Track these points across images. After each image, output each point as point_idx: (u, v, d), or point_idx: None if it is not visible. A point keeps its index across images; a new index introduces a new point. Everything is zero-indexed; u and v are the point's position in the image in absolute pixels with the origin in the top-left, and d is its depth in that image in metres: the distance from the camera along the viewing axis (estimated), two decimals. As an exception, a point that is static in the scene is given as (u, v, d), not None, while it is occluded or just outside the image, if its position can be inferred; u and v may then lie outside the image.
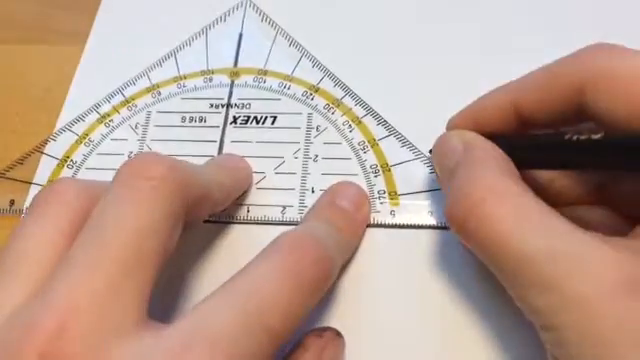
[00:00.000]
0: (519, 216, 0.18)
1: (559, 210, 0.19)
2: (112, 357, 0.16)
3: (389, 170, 0.27)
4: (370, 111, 0.29)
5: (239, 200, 0.27)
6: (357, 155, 0.28)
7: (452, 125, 0.24)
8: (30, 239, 0.19)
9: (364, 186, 0.27)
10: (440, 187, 0.26)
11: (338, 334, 0.23)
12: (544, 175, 0.23)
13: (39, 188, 0.28)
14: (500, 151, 0.21)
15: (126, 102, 0.31)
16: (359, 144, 0.28)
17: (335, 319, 0.24)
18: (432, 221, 0.26)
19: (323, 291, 0.20)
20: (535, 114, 0.21)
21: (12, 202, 0.28)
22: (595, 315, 0.16)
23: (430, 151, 0.25)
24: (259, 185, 0.28)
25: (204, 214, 0.23)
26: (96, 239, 0.18)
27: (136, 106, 0.31)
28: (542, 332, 0.18)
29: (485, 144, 0.22)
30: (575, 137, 0.19)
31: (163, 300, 0.24)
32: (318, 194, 0.27)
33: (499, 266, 0.19)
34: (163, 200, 0.19)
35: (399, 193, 0.27)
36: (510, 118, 0.22)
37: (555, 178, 0.23)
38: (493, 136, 0.22)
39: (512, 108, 0.22)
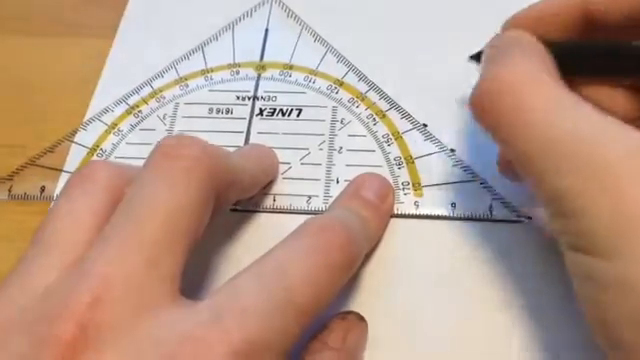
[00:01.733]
0: (551, 102, 0.18)
1: None
2: (146, 327, 0.16)
3: (413, 162, 0.28)
4: (394, 105, 0.30)
5: (266, 189, 0.27)
6: (381, 147, 0.28)
7: (510, 24, 0.23)
8: (64, 219, 0.19)
9: (388, 177, 0.27)
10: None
11: (361, 318, 0.23)
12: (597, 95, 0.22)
13: (69, 176, 0.29)
14: (546, 49, 0.20)
15: (154, 94, 0.32)
16: (383, 137, 0.29)
17: (357, 305, 0.24)
18: (455, 213, 0.26)
19: (349, 274, 0.21)
20: (609, 16, 0.20)
21: (43, 189, 0.29)
22: (626, 196, 0.15)
23: (475, 56, 0.24)
24: (285, 175, 0.28)
25: (233, 199, 0.24)
26: (130, 217, 0.18)
27: (164, 98, 0.31)
28: (559, 220, 0.17)
29: (533, 41, 0.21)
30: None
31: (191, 286, 0.25)
32: (343, 185, 0.27)
33: (523, 149, 0.18)
34: (196, 181, 0.19)
35: (423, 185, 0.27)
36: (576, 20, 0.21)
37: (608, 99, 0.22)
38: (549, 43, 0.21)
39: (580, 7, 0.21)
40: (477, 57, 0.25)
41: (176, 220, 0.18)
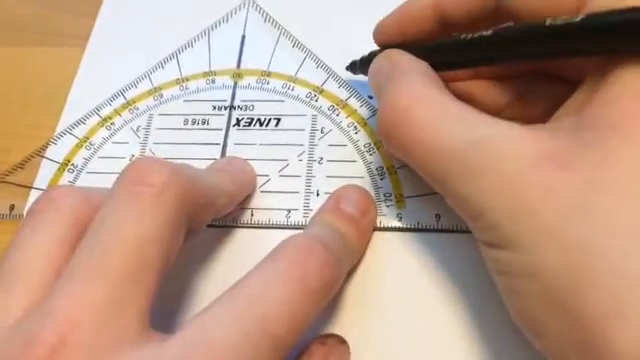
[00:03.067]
0: (440, 114, 0.19)
1: None
2: None
3: (395, 172, 0.27)
4: (376, 112, 0.29)
5: (243, 204, 0.26)
6: (363, 157, 0.27)
7: (378, 31, 0.26)
8: (27, 250, 0.18)
9: (370, 189, 0.26)
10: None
11: (343, 341, 0.22)
12: (465, 87, 0.25)
13: (39, 193, 0.28)
14: (424, 63, 0.22)
15: (128, 105, 0.31)
16: (365, 146, 0.28)
17: (341, 324, 0.23)
18: (440, 224, 0.25)
19: (329, 296, 0.20)
20: (455, 14, 0.22)
21: (12, 207, 0.28)
22: (520, 190, 0.16)
23: (350, 66, 0.28)
24: (263, 188, 0.27)
25: (207, 220, 0.23)
26: (96, 249, 0.17)
27: (138, 109, 0.30)
28: (471, 222, 0.19)
29: (409, 58, 0.23)
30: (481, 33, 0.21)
31: (166, 305, 0.24)
32: (323, 197, 0.26)
33: (427, 166, 0.19)
34: (165, 208, 0.18)
35: (405, 196, 0.26)
36: (432, 21, 0.23)
37: (476, 91, 0.25)
38: (411, 46, 0.24)
39: (433, 9, 0.23)
40: (351, 68, 0.29)
41: (144, 251, 0.17)
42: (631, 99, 0.16)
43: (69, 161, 0.29)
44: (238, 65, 0.31)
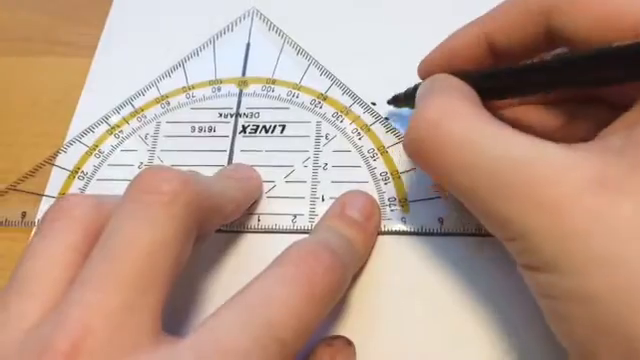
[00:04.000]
0: (476, 129, 0.18)
1: None
2: None
3: (399, 177, 0.27)
4: (379, 118, 0.29)
5: (250, 209, 0.27)
6: (367, 163, 0.28)
7: (423, 68, 0.25)
8: (40, 258, 0.19)
9: (374, 194, 0.27)
10: None
11: (349, 343, 0.23)
12: (510, 114, 0.24)
13: (50, 200, 0.28)
14: (463, 82, 0.22)
15: (135, 113, 0.31)
16: (369, 152, 0.28)
17: (347, 328, 0.24)
18: (443, 228, 0.26)
19: (335, 300, 0.20)
20: (507, 44, 0.22)
21: (24, 214, 0.28)
22: (568, 215, 0.16)
23: (392, 100, 0.28)
24: (269, 194, 0.28)
25: (215, 227, 0.23)
26: (108, 257, 0.18)
27: (145, 117, 0.31)
28: (510, 243, 0.18)
29: (452, 78, 0.22)
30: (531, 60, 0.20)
31: (176, 310, 0.24)
32: (328, 202, 0.27)
33: (459, 183, 0.19)
34: (175, 216, 0.19)
35: (409, 200, 0.27)
36: (483, 52, 0.22)
37: (521, 117, 0.24)
38: (459, 73, 0.22)
39: (484, 41, 0.22)
40: (393, 101, 0.28)
41: (155, 258, 0.18)
42: None
43: (79, 169, 0.29)
44: (243, 73, 0.32)
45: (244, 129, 0.30)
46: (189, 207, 0.19)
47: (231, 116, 0.30)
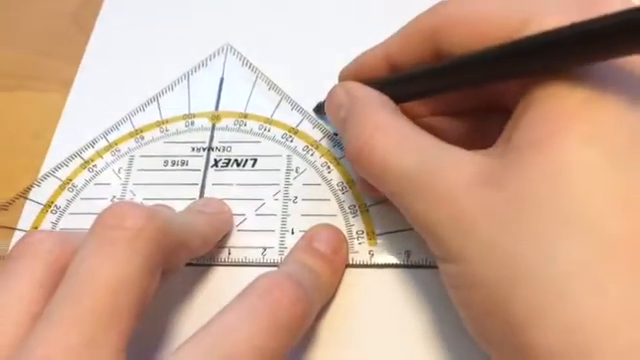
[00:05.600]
0: (399, 140, 0.21)
1: None
2: None
3: (367, 210, 0.28)
4: (348, 152, 0.30)
5: (220, 242, 0.27)
6: (336, 196, 0.28)
7: (341, 76, 0.28)
8: (5, 295, 0.19)
9: (343, 226, 0.27)
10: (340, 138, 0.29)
11: None
12: (424, 122, 0.26)
13: (23, 234, 0.29)
14: (378, 92, 0.24)
15: (110, 147, 0.31)
16: (337, 185, 0.29)
17: (316, 359, 0.24)
18: (410, 260, 0.26)
19: (300, 333, 0.21)
20: (406, 62, 0.24)
21: (-5, 248, 0.29)
22: (459, 207, 0.18)
23: (316, 109, 0.31)
24: (240, 227, 0.28)
25: (183, 261, 0.23)
26: (71, 294, 0.18)
27: (119, 151, 0.31)
28: (425, 237, 0.20)
29: (364, 89, 0.25)
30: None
31: (144, 344, 0.24)
32: (298, 235, 0.27)
33: (388, 187, 0.21)
34: (139, 252, 0.19)
35: (377, 233, 0.27)
36: (384, 68, 0.25)
37: (435, 125, 0.27)
38: (370, 82, 0.25)
39: (385, 60, 0.25)
40: (317, 109, 0.31)
41: (119, 294, 0.18)
42: (548, 120, 0.18)
43: (52, 202, 0.30)
44: (216, 107, 0.33)
45: (216, 163, 0.30)
46: (154, 242, 0.19)
47: (204, 150, 0.31)
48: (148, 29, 0.37)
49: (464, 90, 0.24)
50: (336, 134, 0.31)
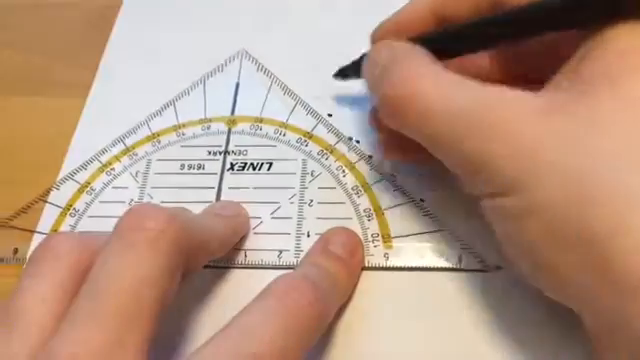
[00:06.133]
0: (447, 83, 0.21)
1: None
2: None
3: (382, 213, 0.28)
4: (363, 156, 0.30)
5: (237, 245, 0.28)
6: (351, 199, 0.29)
7: (377, 34, 0.27)
8: (28, 296, 0.19)
9: (358, 230, 0.27)
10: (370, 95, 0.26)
11: None
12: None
13: (42, 237, 0.29)
14: (419, 46, 0.24)
15: (127, 150, 0.32)
16: (352, 188, 0.29)
17: (330, 362, 0.24)
18: (425, 263, 0.26)
19: (318, 334, 0.21)
20: (454, 14, 0.24)
21: (16, 251, 0.29)
22: (522, 135, 0.19)
23: (338, 73, 0.30)
24: (256, 230, 0.28)
25: (202, 263, 0.24)
26: (94, 295, 0.18)
27: (137, 154, 0.32)
28: (474, 177, 0.20)
29: (403, 45, 0.24)
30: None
31: (164, 345, 0.25)
32: (314, 238, 0.27)
33: (434, 130, 0.21)
34: (161, 253, 0.19)
35: (392, 236, 0.27)
36: (430, 22, 0.25)
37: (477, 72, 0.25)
38: (414, 37, 0.25)
39: (431, 14, 0.25)
40: (340, 74, 0.30)
41: (140, 296, 0.18)
42: (614, 55, 0.19)
43: (71, 205, 0.30)
44: (232, 112, 0.33)
45: (232, 166, 0.31)
46: (175, 243, 0.20)
47: (220, 154, 0.31)
48: (164, 34, 0.37)
49: (521, 41, 0.23)
50: (350, 138, 0.31)
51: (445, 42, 0.24)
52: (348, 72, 0.30)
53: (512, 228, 0.20)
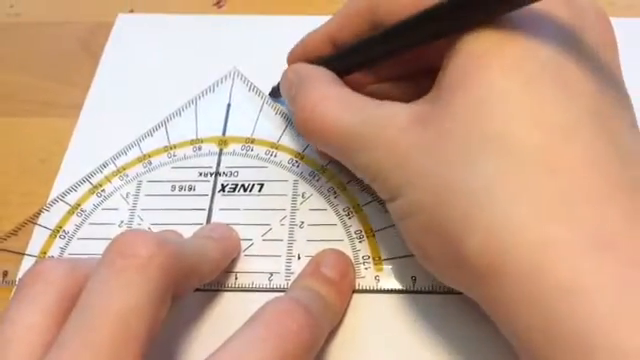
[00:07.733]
0: (341, 105, 0.24)
1: None
2: None
3: (373, 235, 0.28)
4: (354, 177, 0.30)
5: (227, 268, 0.27)
6: (342, 221, 0.29)
7: (289, 61, 0.31)
8: (17, 323, 0.19)
9: (349, 252, 0.27)
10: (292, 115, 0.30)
11: None
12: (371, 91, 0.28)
13: (31, 259, 0.29)
14: (323, 68, 0.27)
15: (118, 172, 0.32)
16: (344, 210, 0.29)
17: (322, 386, 0.24)
18: (415, 286, 0.26)
19: (310, 357, 0.21)
20: (343, 38, 0.27)
21: (5, 273, 0.29)
22: (397, 148, 0.21)
23: (271, 92, 0.34)
24: (247, 252, 0.28)
25: (193, 287, 0.24)
26: (82, 323, 0.18)
27: (127, 176, 0.32)
28: (374, 185, 0.23)
29: (310, 68, 0.27)
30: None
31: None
32: (304, 260, 0.27)
33: (336, 147, 0.24)
34: (150, 279, 0.19)
35: (383, 258, 0.27)
36: (328, 47, 0.28)
37: (379, 92, 0.28)
38: (315, 61, 0.28)
39: (328, 39, 0.28)
40: (272, 93, 0.34)
41: (129, 323, 0.18)
42: (468, 60, 0.20)
43: (61, 227, 0.30)
44: (224, 132, 0.33)
45: (223, 188, 0.31)
46: (164, 269, 0.20)
47: (211, 175, 0.31)
48: (156, 55, 0.37)
49: (400, 55, 0.25)
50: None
51: (339, 62, 0.27)
52: (277, 92, 0.32)
53: (401, 227, 0.22)
